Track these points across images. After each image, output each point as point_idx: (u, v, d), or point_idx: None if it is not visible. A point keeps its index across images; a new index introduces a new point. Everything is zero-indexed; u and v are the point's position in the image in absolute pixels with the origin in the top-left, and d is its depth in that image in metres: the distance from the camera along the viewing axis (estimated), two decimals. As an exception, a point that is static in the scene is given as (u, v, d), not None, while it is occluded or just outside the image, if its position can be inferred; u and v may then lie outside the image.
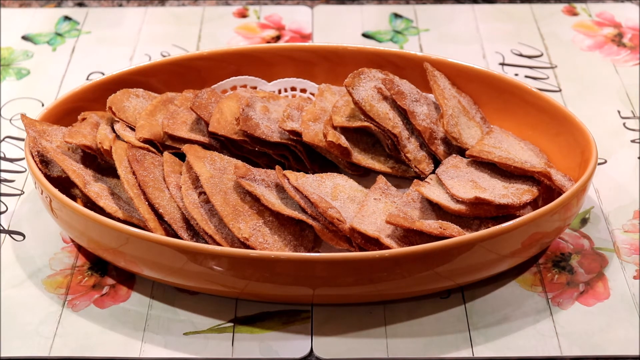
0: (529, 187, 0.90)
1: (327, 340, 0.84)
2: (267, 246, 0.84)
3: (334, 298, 0.86)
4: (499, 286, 0.88)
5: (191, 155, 0.90)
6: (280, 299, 0.86)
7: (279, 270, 0.81)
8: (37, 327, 0.85)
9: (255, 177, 0.88)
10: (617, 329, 0.85)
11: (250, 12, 1.32)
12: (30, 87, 1.16)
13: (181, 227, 0.86)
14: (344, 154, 0.94)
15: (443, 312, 0.86)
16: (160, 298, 0.87)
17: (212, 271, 0.82)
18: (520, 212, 0.88)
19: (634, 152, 1.05)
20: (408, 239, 0.84)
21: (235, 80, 1.05)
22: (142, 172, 0.88)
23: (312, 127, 0.95)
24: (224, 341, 0.84)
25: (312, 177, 0.90)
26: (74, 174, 0.89)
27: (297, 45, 1.10)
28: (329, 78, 1.05)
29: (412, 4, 1.34)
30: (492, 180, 0.90)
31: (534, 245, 0.86)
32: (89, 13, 1.31)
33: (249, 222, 0.85)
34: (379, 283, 0.82)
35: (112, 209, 0.87)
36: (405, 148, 0.94)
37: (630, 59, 1.21)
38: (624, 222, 0.95)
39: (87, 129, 0.94)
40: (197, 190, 0.87)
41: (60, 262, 0.91)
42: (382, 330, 0.84)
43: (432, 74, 1.00)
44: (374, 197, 0.89)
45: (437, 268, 0.82)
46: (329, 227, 0.85)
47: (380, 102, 0.96)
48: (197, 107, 0.96)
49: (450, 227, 0.84)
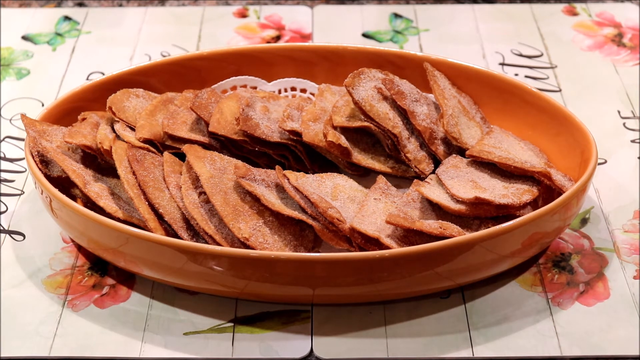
0: (529, 187, 0.90)
1: (327, 340, 0.84)
2: (267, 246, 0.84)
3: (334, 298, 0.86)
4: (499, 286, 0.88)
5: (191, 155, 0.90)
6: (280, 299, 0.86)
7: (279, 270, 0.81)
8: (37, 327, 0.85)
9: (255, 177, 0.88)
10: (617, 329, 0.85)
11: (250, 12, 1.32)
12: (30, 87, 1.16)
13: (181, 227, 0.86)
14: (344, 154, 0.94)
15: (443, 312, 0.86)
16: (160, 298, 0.87)
17: (212, 271, 0.82)
18: (520, 212, 0.88)
19: (634, 152, 1.05)
20: (408, 239, 0.84)
21: (235, 80, 1.05)
22: (142, 172, 0.88)
23: (312, 127, 0.95)
24: (224, 341, 0.84)
25: (312, 177, 0.90)
26: (74, 174, 0.89)
27: (297, 45, 1.10)
28: (329, 78, 1.05)
29: (412, 4, 1.34)
30: (492, 180, 0.90)
31: (534, 245, 0.86)
32: (89, 13, 1.31)
33: (249, 222, 0.85)
34: (379, 283, 0.82)
35: (112, 209, 0.87)
36: (405, 148, 0.94)
37: (630, 59, 1.21)
38: (624, 222, 0.95)
39: (87, 129, 0.94)
40: (197, 190, 0.87)
41: (60, 262, 0.91)
42: (382, 330, 0.84)
43: (432, 73, 1.00)
44: (374, 197, 0.89)
45: (437, 268, 0.82)
46: (329, 227, 0.85)
47: (380, 102, 0.96)
48: (197, 107, 0.96)
49: (450, 227, 0.84)
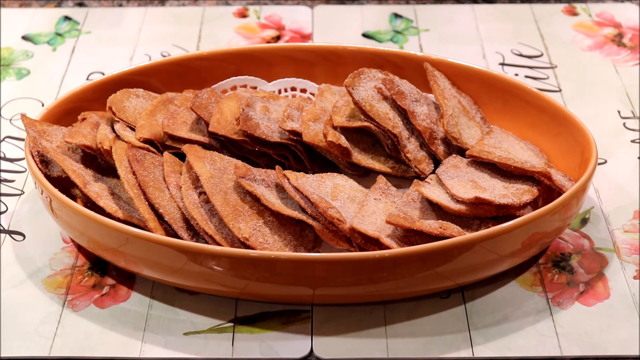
0: (529, 187, 0.90)
1: (327, 340, 0.84)
2: (267, 246, 0.84)
3: (334, 298, 0.86)
4: (499, 286, 0.88)
5: (191, 155, 0.90)
6: (280, 298, 0.86)
7: (278, 270, 0.81)
8: (37, 327, 0.85)
9: (255, 177, 0.88)
10: (617, 329, 0.85)
11: (250, 12, 1.32)
12: (30, 87, 1.16)
13: (181, 227, 0.86)
14: (344, 154, 0.94)
15: (443, 312, 0.86)
16: (160, 298, 0.87)
17: (212, 271, 0.82)
18: (521, 212, 0.88)
19: (634, 152, 1.05)
20: (408, 239, 0.84)
21: (235, 80, 1.05)
22: (142, 172, 0.88)
23: (312, 127, 0.95)
24: (224, 341, 0.84)
25: (312, 177, 0.90)
26: (74, 174, 0.89)
27: (297, 46, 1.10)
28: (329, 78, 1.05)
29: (412, 4, 1.34)
30: (492, 180, 0.90)
31: (534, 245, 0.86)
32: (89, 13, 1.31)
33: (249, 222, 0.85)
34: (379, 283, 0.82)
35: (112, 209, 0.87)
36: (405, 148, 0.94)
37: (630, 59, 1.21)
38: (624, 222, 0.95)
39: (87, 129, 0.94)
40: (197, 190, 0.87)
41: (60, 262, 0.91)
42: (382, 330, 0.84)
43: (432, 74, 1.00)
44: (374, 197, 0.89)
45: (437, 268, 0.82)
46: (329, 227, 0.85)
47: (380, 102, 0.96)
48: (197, 107, 0.96)
49: (451, 227, 0.84)
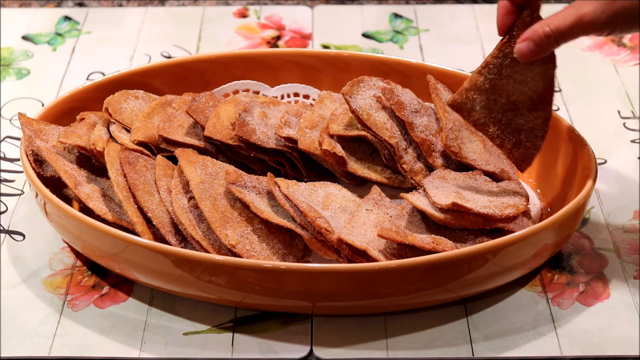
0: (515, 202, 0.88)
1: (327, 340, 0.83)
2: (254, 254, 0.83)
3: (328, 309, 0.85)
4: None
5: (183, 159, 0.89)
6: (275, 308, 0.85)
7: (264, 279, 0.81)
8: (37, 327, 0.85)
9: (246, 183, 0.87)
10: (617, 329, 0.84)
11: (250, 12, 1.32)
12: (30, 87, 1.16)
13: (169, 232, 0.85)
14: (339, 163, 0.92)
15: (443, 313, 0.86)
16: (160, 299, 0.87)
17: (197, 277, 0.81)
18: (510, 227, 0.86)
19: (634, 152, 1.05)
20: (399, 252, 0.83)
21: (237, 84, 1.04)
22: (133, 175, 0.88)
23: (309, 135, 0.93)
24: (224, 341, 0.84)
25: (305, 186, 0.88)
26: (66, 175, 0.89)
27: (302, 51, 1.09)
28: (334, 84, 1.03)
29: (412, 4, 1.34)
30: (477, 194, 0.88)
31: (523, 265, 0.85)
32: (89, 13, 1.31)
33: (237, 229, 0.84)
34: (367, 297, 0.82)
35: (102, 211, 0.87)
36: (402, 159, 0.92)
37: (630, 59, 1.21)
38: (624, 222, 0.95)
39: (83, 129, 0.94)
40: (188, 195, 0.86)
41: (60, 262, 0.91)
42: (382, 331, 0.84)
43: (435, 86, 0.97)
44: (366, 208, 0.87)
45: (426, 282, 0.81)
46: (317, 237, 0.83)
47: (379, 111, 0.94)
48: (194, 110, 0.95)
49: (444, 242, 0.82)
